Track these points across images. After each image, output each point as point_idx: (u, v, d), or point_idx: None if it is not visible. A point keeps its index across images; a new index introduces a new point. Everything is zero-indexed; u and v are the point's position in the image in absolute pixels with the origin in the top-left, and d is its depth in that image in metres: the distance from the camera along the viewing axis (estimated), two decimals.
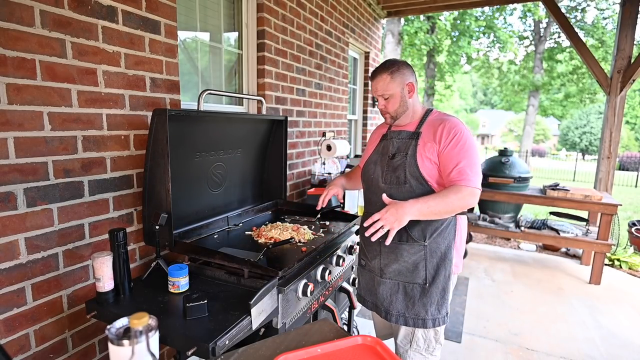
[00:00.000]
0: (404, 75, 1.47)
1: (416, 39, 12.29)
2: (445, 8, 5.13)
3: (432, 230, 1.46)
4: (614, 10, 12.12)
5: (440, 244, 1.47)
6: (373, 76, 1.51)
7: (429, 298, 1.48)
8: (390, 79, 1.46)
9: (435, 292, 1.48)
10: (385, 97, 1.48)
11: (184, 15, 2.03)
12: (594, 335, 2.67)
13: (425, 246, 1.46)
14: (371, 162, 1.61)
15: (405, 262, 1.49)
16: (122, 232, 1.33)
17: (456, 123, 1.44)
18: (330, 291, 1.78)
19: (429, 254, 1.47)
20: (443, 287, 1.49)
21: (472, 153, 1.40)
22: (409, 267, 1.49)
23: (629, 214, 7.20)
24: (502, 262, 4.11)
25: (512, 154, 4.18)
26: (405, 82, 1.48)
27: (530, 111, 15.55)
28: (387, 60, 1.51)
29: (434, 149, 1.43)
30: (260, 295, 1.23)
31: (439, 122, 1.46)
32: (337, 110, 3.82)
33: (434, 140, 1.43)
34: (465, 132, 1.41)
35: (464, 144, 1.39)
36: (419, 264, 1.48)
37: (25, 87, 1.21)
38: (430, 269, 1.47)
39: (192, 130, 1.63)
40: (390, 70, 1.46)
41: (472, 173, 1.37)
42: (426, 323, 1.49)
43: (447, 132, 1.41)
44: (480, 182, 1.39)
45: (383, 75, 1.47)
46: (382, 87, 1.48)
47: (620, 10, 3.92)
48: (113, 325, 0.84)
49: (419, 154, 1.45)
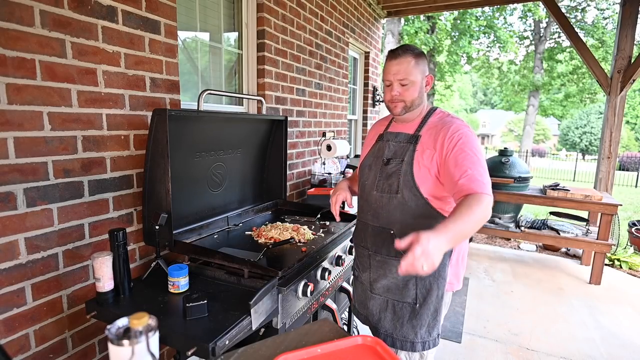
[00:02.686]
0: (425, 66, 1.34)
1: (416, 39, 12.29)
2: (445, 8, 5.13)
3: None
4: (614, 10, 12.12)
5: None
6: (394, 55, 1.30)
7: (418, 320, 1.34)
8: (415, 63, 1.29)
9: (427, 314, 1.34)
10: (405, 82, 1.29)
11: (184, 15, 2.03)
12: (594, 335, 2.67)
13: None
14: (365, 165, 1.47)
15: (395, 278, 1.36)
16: (122, 232, 1.33)
17: (459, 126, 1.28)
18: (330, 291, 1.78)
19: None
20: (435, 307, 1.34)
21: (480, 158, 1.24)
22: (399, 284, 1.36)
23: (629, 214, 7.20)
24: (502, 262, 4.10)
25: (512, 154, 4.18)
26: (426, 72, 1.34)
27: (530, 111, 15.56)
28: (409, 44, 1.33)
29: (432, 156, 1.27)
30: (260, 295, 1.23)
31: (440, 126, 1.30)
32: (337, 110, 3.82)
33: (434, 146, 1.27)
34: (470, 136, 1.26)
35: (471, 149, 1.23)
36: (409, 282, 1.34)
37: (25, 87, 1.21)
38: (421, 288, 1.33)
39: (192, 130, 1.63)
40: (416, 54, 1.30)
41: (484, 180, 1.19)
42: (415, 346, 1.35)
43: (450, 136, 1.25)
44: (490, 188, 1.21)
45: (408, 58, 1.28)
46: (404, 70, 1.28)
47: (620, 10, 3.92)
48: (113, 325, 0.84)
49: (415, 161, 1.29)
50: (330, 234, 1.88)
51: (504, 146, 6.92)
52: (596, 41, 12.56)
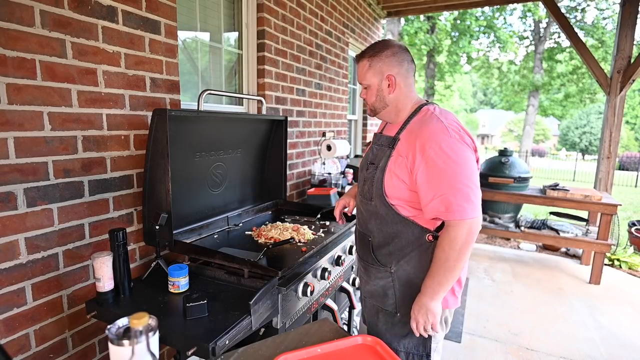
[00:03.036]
0: (383, 65, 1.21)
1: (416, 39, 12.30)
2: (445, 8, 5.13)
3: (400, 256, 1.24)
4: (614, 10, 12.12)
5: (410, 273, 1.24)
6: (357, 59, 1.30)
7: (400, 329, 1.28)
8: (369, 66, 1.23)
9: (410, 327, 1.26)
10: (364, 86, 1.28)
11: (184, 15, 2.03)
12: (594, 335, 2.67)
13: (392, 273, 1.27)
14: (360, 168, 1.42)
15: (375, 285, 1.33)
16: (122, 232, 1.33)
17: (433, 133, 1.12)
18: (330, 291, 1.78)
19: (397, 282, 1.27)
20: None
21: (456, 172, 1.09)
22: (379, 291, 1.32)
23: (628, 214, 7.20)
24: (502, 262, 4.11)
25: (512, 154, 4.18)
26: (384, 73, 1.22)
27: (530, 111, 15.55)
28: (376, 42, 1.27)
29: (405, 165, 1.16)
30: (260, 295, 1.23)
31: (417, 130, 1.17)
32: (337, 110, 3.82)
33: (407, 154, 1.16)
34: (444, 145, 1.09)
35: (443, 161, 1.09)
36: (388, 291, 1.29)
37: (25, 87, 1.21)
38: (400, 298, 1.27)
39: (192, 130, 1.63)
40: (370, 57, 1.23)
41: (458, 200, 1.07)
42: (399, 355, 1.28)
43: (420, 146, 1.12)
44: (474, 208, 1.09)
45: (363, 61, 1.25)
46: (360, 74, 1.27)
47: (620, 10, 3.92)
48: (113, 325, 0.84)
49: (388, 168, 1.20)
50: (330, 234, 1.88)
51: (503, 146, 6.92)
52: (596, 41, 12.56)
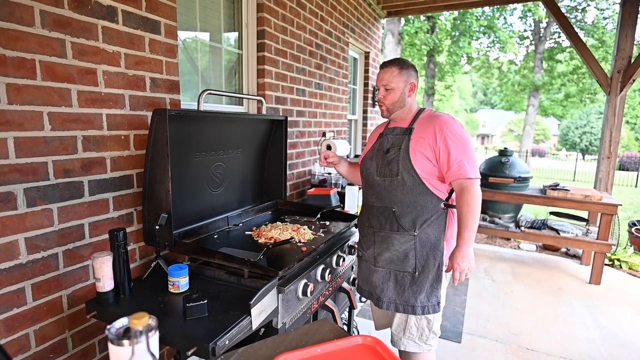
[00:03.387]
0: (410, 75, 1.58)
1: (416, 39, 12.30)
2: (445, 8, 5.13)
3: (422, 220, 1.53)
4: (614, 10, 12.12)
5: (430, 235, 1.53)
6: (383, 66, 1.59)
7: (418, 286, 1.55)
8: (398, 72, 1.56)
9: (425, 281, 1.55)
10: (388, 88, 1.57)
11: (184, 15, 2.03)
12: (594, 335, 2.67)
13: (415, 236, 1.53)
14: (368, 158, 1.69)
15: (397, 250, 1.57)
16: (122, 232, 1.33)
17: (446, 120, 1.53)
18: (330, 291, 1.78)
19: (418, 244, 1.54)
20: (433, 276, 1.55)
21: (467, 146, 1.49)
22: (400, 256, 1.57)
23: (629, 214, 7.20)
24: (502, 262, 4.10)
25: (512, 154, 4.18)
26: (409, 80, 1.58)
27: (530, 111, 15.55)
28: (400, 58, 1.63)
29: (426, 143, 1.51)
30: (260, 295, 1.23)
31: (430, 119, 1.55)
32: (337, 110, 3.82)
33: (427, 135, 1.52)
34: (456, 128, 1.50)
35: (459, 138, 1.48)
36: (409, 253, 1.55)
37: (25, 87, 1.21)
38: (420, 259, 1.54)
39: (192, 130, 1.63)
40: (401, 65, 1.57)
41: (470, 165, 1.47)
42: (415, 310, 1.56)
43: (439, 128, 1.50)
44: (478, 171, 1.49)
45: (392, 68, 1.57)
46: (387, 78, 1.57)
47: (620, 10, 3.92)
48: (113, 325, 0.84)
49: (411, 148, 1.53)
50: (330, 234, 1.88)
51: (504, 146, 6.92)
52: (596, 41, 12.55)
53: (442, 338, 2.57)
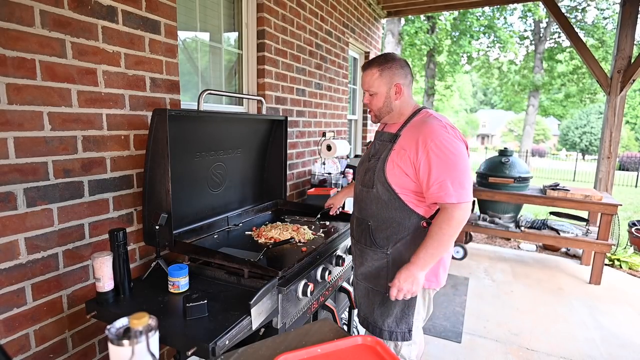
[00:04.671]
0: (393, 75, 1.39)
1: (416, 39, 12.30)
2: (445, 8, 5.13)
3: (397, 239, 1.40)
4: (614, 10, 12.12)
5: (404, 255, 1.38)
6: (363, 68, 1.44)
7: (387, 308, 1.43)
8: (379, 75, 1.39)
9: (394, 305, 1.41)
10: (371, 93, 1.42)
11: (184, 15, 2.03)
12: (594, 335, 2.67)
13: (387, 254, 1.42)
14: (359, 163, 1.60)
15: (370, 266, 1.47)
16: (122, 232, 1.33)
17: (434, 130, 1.30)
18: (330, 291, 1.78)
19: (391, 262, 1.41)
20: (405, 301, 1.40)
21: (454, 163, 1.27)
22: (373, 272, 1.46)
23: (629, 214, 7.20)
24: (502, 262, 4.10)
25: (512, 154, 4.18)
26: (393, 81, 1.39)
27: (530, 111, 15.54)
28: (383, 55, 1.42)
29: (407, 157, 1.33)
30: (260, 295, 1.23)
31: (419, 126, 1.35)
32: (337, 110, 3.82)
33: (409, 146, 1.33)
34: (443, 140, 1.28)
35: (445, 152, 1.27)
36: (381, 272, 1.43)
37: (25, 87, 1.21)
38: (390, 279, 1.39)
39: (192, 130, 1.63)
40: (381, 66, 1.38)
41: (455, 186, 1.26)
42: (382, 334, 1.43)
43: (422, 141, 1.29)
44: (467, 193, 1.28)
45: (372, 69, 1.40)
46: (368, 82, 1.41)
47: (620, 10, 3.92)
48: (113, 325, 0.84)
49: (389, 159, 1.37)
50: (330, 234, 1.88)
51: (504, 146, 6.92)
52: (596, 41, 12.55)
53: (442, 338, 2.57)
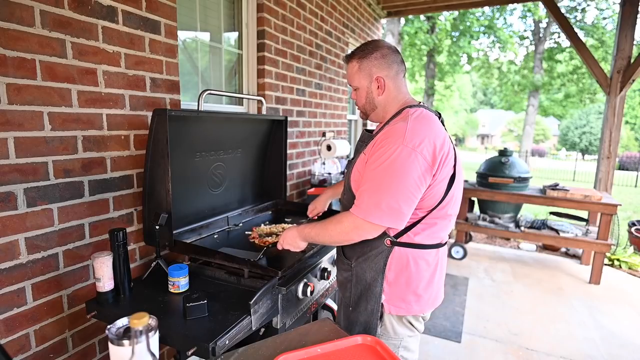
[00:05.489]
0: (373, 67, 1.21)
1: (416, 39, 12.29)
2: (445, 8, 5.13)
3: (360, 253, 1.27)
4: (614, 10, 12.12)
5: (366, 272, 1.26)
6: (345, 61, 1.29)
7: (351, 324, 1.32)
8: (358, 68, 1.23)
9: (357, 322, 1.29)
10: (354, 88, 1.29)
11: (184, 15, 2.03)
12: (593, 335, 2.67)
13: (352, 267, 1.30)
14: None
15: (340, 276, 1.40)
16: (122, 232, 1.33)
17: (393, 133, 1.12)
18: (330, 291, 1.78)
19: (355, 278, 1.30)
20: (366, 321, 1.26)
21: (387, 176, 1.08)
22: (342, 282, 1.37)
23: (628, 214, 7.20)
24: (502, 262, 4.11)
25: (512, 154, 4.18)
26: (374, 75, 1.22)
27: (530, 111, 15.54)
28: (365, 43, 1.26)
29: (364, 160, 1.19)
30: (260, 295, 1.23)
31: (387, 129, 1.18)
32: (337, 110, 3.82)
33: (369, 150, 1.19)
34: (393, 148, 1.08)
35: (383, 162, 1.09)
36: (347, 284, 1.33)
37: (25, 87, 1.21)
38: (354, 294, 1.30)
39: (192, 130, 1.63)
40: (361, 57, 1.22)
41: (367, 201, 1.10)
42: None
43: (378, 141, 1.14)
44: (379, 215, 1.09)
45: (352, 62, 1.25)
46: (349, 76, 1.27)
47: (620, 10, 3.92)
48: (113, 325, 0.84)
49: (356, 164, 1.24)
50: None
51: (503, 146, 6.92)
52: (596, 41, 12.55)
53: (442, 338, 2.57)
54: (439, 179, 1.14)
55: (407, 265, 1.22)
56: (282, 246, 1.38)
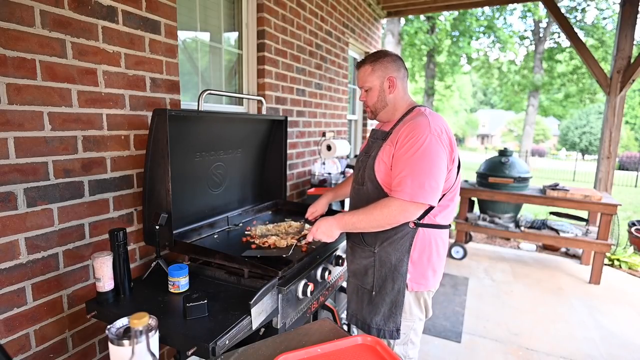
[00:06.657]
0: (386, 69, 1.40)
1: (416, 39, 12.28)
2: (445, 8, 5.13)
3: (384, 238, 1.39)
4: (614, 10, 12.11)
5: (391, 255, 1.38)
6: (357, 66, 1.47)
7: (374, 307, 1.43)
8: (371, 70, 1.41)
9: (382, 303, 1.41)
10: (365, 88, 1.44)
11: (184, 15, 2.03)
12: (593, 335, 2.67)
13: (375, 253, 1.41)
14: (356, 160, 1.60)
15: (359, 264, 1.48)
16: (122, 232, 1.33)
17: (418, 125, 1.28)
18: (330, 291, 1.78)
19: (378, 262, 1.41)
20: (392, 300, 1.39)
21: (424, 161, 1.24)
22: (361, 270, 1.47)
23: (628, 214, 7.20)
24: (502, 262, 4.11)
25: (512, 154, 4.18)
26: (387, 74, 1.40)
27: (530, 111, 15.54)
28: (376, 51, 1.46)
29: (390, 152, 1.33)
30: (260, 295, 1.23)
31: (407, 123, 1.34)
32: (337, 110, 3.82)
33: (393, 142, 1.33)
34: (424, 137, 1.25)
35: (417, 150, 1.25)
36: (369, 270, 1.44)
37: (25, 87, 1.21)
38: (377, 278, 1.41)
39: (192, 130, 1.63)
40: (374, 61, 1.41)
41: (412, 184, 1.24)
42: (370, 330, 1.43)
43: (404, 134, 1.30)
44: (425, 195, 1.24)
45: (365, 65, 1.42)
46: (362, 78, 1.44)
47: (620, 10, 3.92)
48: (113, 325, 0.84)
49: (378, 156, 1.37)
50: None
51: (503, 146, 6.92)
52: (596, 41, 12.55)
53: (442, 338, 2.57)
54: (454, 164, 1.35)
55: (429, 244, 1.38)
56: (315, 237, 1.41)
